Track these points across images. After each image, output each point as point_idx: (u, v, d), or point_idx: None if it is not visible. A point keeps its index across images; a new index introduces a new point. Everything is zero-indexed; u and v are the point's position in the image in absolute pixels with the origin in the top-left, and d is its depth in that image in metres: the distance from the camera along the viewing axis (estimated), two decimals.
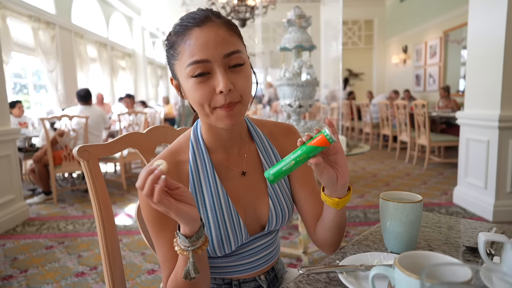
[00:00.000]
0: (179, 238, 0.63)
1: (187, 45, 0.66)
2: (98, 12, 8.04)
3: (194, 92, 0.67)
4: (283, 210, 0.82)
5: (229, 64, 0.67)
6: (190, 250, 0.62)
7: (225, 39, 0.66)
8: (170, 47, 0.70)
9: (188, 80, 0.67)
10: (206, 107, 0.68)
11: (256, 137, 0.84)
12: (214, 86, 0.66)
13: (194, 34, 0.66)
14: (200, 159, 0.77)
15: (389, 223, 0.76)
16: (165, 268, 0.73)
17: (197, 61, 0.65)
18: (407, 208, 0.74)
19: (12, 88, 5.60)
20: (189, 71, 0.66)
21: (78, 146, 0.82)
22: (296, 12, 2.20)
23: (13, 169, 3.06)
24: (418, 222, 0.75)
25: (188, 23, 0.67)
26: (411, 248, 0.76)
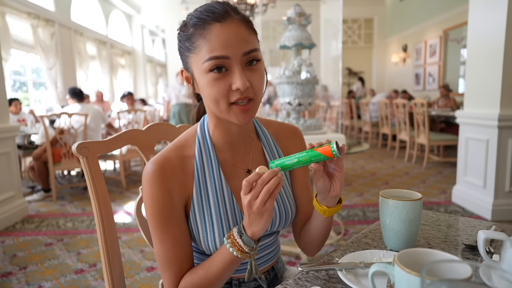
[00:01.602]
0: (242, 241, 0.66)
1: (207, 40, 0.65)
2: (98, 10, 8.02)
3: (211, 88, 0.67)
4: (286, 210, 0.82)
5: (246, 61, 0.67)
6: (251, 254, 0.66)
7: (245, 37, 0.66)
8: (186, 39, 0.69)
9: (205, 75, 0.67)
10: (222, 103, 0.68)
11: (262, 136, 0.85)
12: (231, 82, 0.66)
13: (214, 30, 0.65)
14: (206, 155, 0.77)
15: (388, 220, 0.76)
16: (172, 264, 0.71)
17: (216, 57, 0.64)
18: (406, 206, 0.74)
19: (12, 85, 5.59)
20: (207, 66, 0.65)
21: (77, 143, 0.82)
22: (296, 10, 2.20)
23: (12, 167, 3.06)
24: (418, 220, 0.76)
25: (208, 16, 0.66)
26: (410, 246, 0.76)
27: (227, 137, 0.78)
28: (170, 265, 0.71)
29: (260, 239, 0.68)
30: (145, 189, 0.71)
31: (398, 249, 0.76)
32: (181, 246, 0.72)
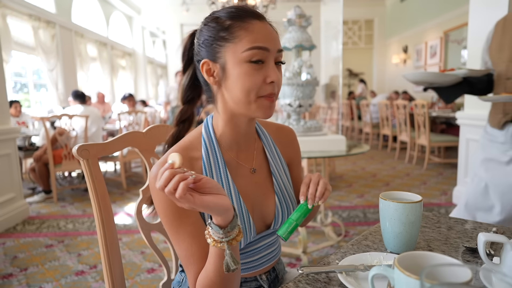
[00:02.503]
0: (212, 229, 0.61)
1: (249, 32, 0.68)
2: (98, 11, 8.03)
3: (247, 77, 0.69)
4: (288, 208, 0.83)
5: (277, 59, 0.72)
6: (225, 242, 0.61)
7: (277, 38, 0.73)
8: (222, 29, 0.70)
9: (243, 65, 0.69)
10: (253, 94, 0.70)
11: (262, 136, 0.87)
12: (266, 76, 0.70)
13: (256, 25, 0.69)
14: (212, 155, 0.77)
15: (388, 223, 0.76)
16: (191, 264, 0.70)
17: (259, 47, 0.68)
18: (407, 208, 0.74)
19: (13, 87, 5.60)
20: (247, 55, 0.68)
21: (77, 145, 0.82)
22: (296, 11, 2.20)
23: (13, 168, 3.06)
24: (418, 222, 0.76)
25: (246, 13, 0.70)
26: (410, 248, 0.76)
27: (235, 135, 0.79)
28: (189, 266, 0.70)
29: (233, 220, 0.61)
30: (155, 190, 0.70)
31: (398, 251, 0.76)
32: (198, 244, 0.70)
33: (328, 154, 2.07)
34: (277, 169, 0.85)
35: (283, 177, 0.86)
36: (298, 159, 0.94)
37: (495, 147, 1.72)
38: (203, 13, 0.82)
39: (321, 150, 2.12)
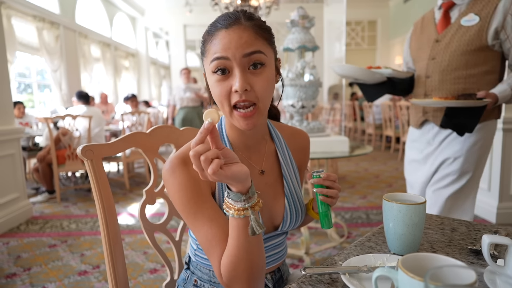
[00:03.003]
0: (231, 199, 0.63)
1: (213, 44, 0.70)
2: (102, 12, 8.07)
3: (215, 88, 0.70)
4: (297, 210, 0.84)
5: (249, 64, 0.69)
6: (248, 207, 0.63)
7: (248, 41, 0.68)
8: (202, 43, 0.74)
9: (211, 77, 0.71)
10: (226, 105, 0.70)
11: (276, 139, 0.87)
12: (231, 84, 0.69)
13: (220, 35, 0.69)
14: None
15: (392, 224, 0.76)
16: (213, 247, 0.69)
17: (217, 58, 0.68)
18: (410, 210, 0.74)
19: (17, 87, 5.63)
20: (211, 67, 0.70)
21: (82, 146, 0.82)
22: (299, 12, 2.20)
23: (17, 168, 3.08)
24: (421, 223, 0.75)
25: (219, 24, 0.70)
26: (414, 250, 0.76)
27: (241, 138, 0.80)
28: (211, 249, 0.70)
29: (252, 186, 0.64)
30: (170, 181, 0.71)
31: (402, 253, 0.76)
32: (218, 226, 0.70)
33: (331, 155, 2.07)
34: (288, 172, 0.86)
35: (293, 180, 0.86)
36: (305, 165, 0.95)
37: (414, 148, 1.79)
38: (206, 14, 0.83)
39: (324, 151, 2.12)
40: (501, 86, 1.47)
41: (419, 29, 1.72)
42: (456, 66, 1.53)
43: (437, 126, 1.63)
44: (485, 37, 1.46)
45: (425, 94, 1.64)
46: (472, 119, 1.47)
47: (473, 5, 1.51)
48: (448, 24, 1.57)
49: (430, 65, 1.59)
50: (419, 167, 1.76)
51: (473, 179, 1.62)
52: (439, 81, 1.57)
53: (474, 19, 1.48)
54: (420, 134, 1.73)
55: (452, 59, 1.53)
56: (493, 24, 1.44)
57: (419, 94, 1.68)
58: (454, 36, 1.52)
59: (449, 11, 1.58)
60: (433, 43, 1.59)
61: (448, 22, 1.57)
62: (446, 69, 1.55)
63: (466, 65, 1.51)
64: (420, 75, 1.66)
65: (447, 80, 1.55)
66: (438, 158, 1.64)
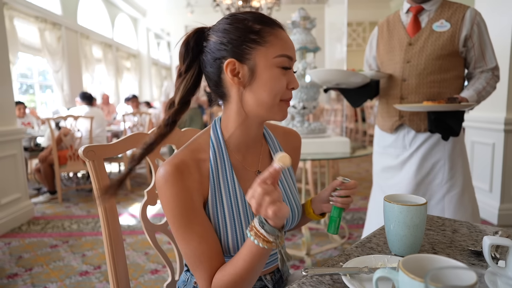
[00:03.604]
0: (265, 231, 0.63)
1: (279, 39, 0.72)
2: (104, 13, 8.09)
3: (276, 81, 0.72)
4: (293, 210, 0.84)
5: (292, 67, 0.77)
6: (278, 241, 0.64)
7: None
8: (251, 31, 0.72)
9: (273, 69, 0.72)
10: (278, 98, 0.74)
11: (269, 140, 0.88)
12: (288, 82, 0.74)
13: (283, 34, 0.74)
14: (220, 158, 0.77)
15: (393, 225, 0.76)
16: (201, 263, 0.70)
17: (290, 56, 0.73)
18: (411, 211, 0.74)
19: (19, 88, 5.64)
20: (279, 61, 0.72)
21: (84, 146, 0.83)
22: (300, 13, 2.20)
23: (18, 168, 3.08)
24: (422, 225, 0.75)
25: (271, 21, 0.74)
26: (415, 251, 0.76)
27: (244, 138, 0.79)
28: (200, 264, 0.70)
29: (284, 226, 0.66)
30: (163, 191, 0.70)
31: (403, 254, 0.76)
32: (207, 243, 0.71)
33: (332, 156, 2.07)
34: (283, 174, 0.86)
35: (288, 181, 0.87)
36: (296, 164, 0.98)
37: (387, 154, 1.75)
38: (208, 15, 0.82)
39: (325, 152, 2.12)
40: (468, 91, 1.51)
41: (386, 32, 1.70)
42: (432, 70, 1.55)
43: (413, 130, 1.62)
44: (457, 43, 1.51)
45: (401, 97, 1.63)
46: (458, 123, 1.49)
47: (441, 12, 1.55)
48: (418, 28, 1.58)
49: (406, 68, 1.59)
50: (395, 173, 1.72)
51: (466, 181, 1.63)
52: (416, 85, 1.58)
53: (446, 26, 1.52)
54: (394, 139, 1.70)
55: (427, 63, 1.54)
56: (463, 32, 1.50)
57: (394, 96, 1.66)
58: (427, 40, 1.54)
59: (417, 15, 1.59)
60: (406, 46, 1.59)
61: (418, 26, 1.58)
62: (423, 73, 1.56)
63: (440, 69, 1.54)
64: (395, 78, 1.64)
65: (424, 84, 1.57)
66: (418, 163, 1.62)
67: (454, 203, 1.60)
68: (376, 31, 1.79)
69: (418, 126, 1.60)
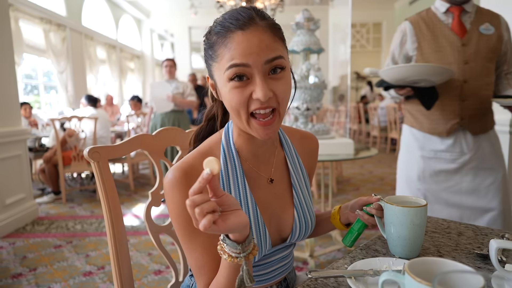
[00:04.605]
0: (227, 245, 0.59)
1: (228, 49, 0.63)
2: (108, 15, 8.13)
3: (231, 96, 0.65)
4: (307, 222, 0.80)
5: (269, 69, 0.65)
6: (243, 257, 0.58)
7: (269, 45, 0.64)
8: (209, 47, 0.68)
9: (226, 84, 0.65)
10: (243, 114, 0.66)
11: (285, 145, 0.83)
12: (252, 91, 0.64)
13: (236, 38, 0.63)
14: (231, 164, 0.74)
15: (393, 227, 0.76)
16: (202, 275, 0.68)
17: (236, 64, 0.63)
18: (411, 213, 0.73)
19: (23, 88, 5.68)
20: (227, 74, 0.64)
21: (88, 147, 0.83)
22: (304, 15, 2.20)
23: (23, 169, 3.10)
24: (423, 226, 0.75)
25: (231, 24, 0.64)
26: (415, 253, 0.76)
27: (250, 146, 0.76)
28: (200, 276, 0.69)
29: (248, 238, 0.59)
30: (170, 196, 0.68)
31: (403, 256, 0.76)
32: (210, 255, 0.68)
33: (335, 158, 2.06)
34: (297, 181, 0.82)
35: (303, 189, 0.83)
36: (313, 169, 0.91)
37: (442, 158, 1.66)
38: (211, 16, 0.82)
39: (328, 153, 2.12)
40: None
41: (427, 31, 1.64)
42: (487, 72, 1.55)
43: (469, 133, 1.60)
44: (501, 46, 1.54)
45: (460, 98, 1.58)
46: None
47: (481, 15, 1.55)
48: (465, 30, 1.55)
49: (466, 69, 1.55)
50: (450, 176, 1.66)
51: None
52: (475, 87, 1.55)
53: (491, 29, 1.52)
54: (451, 143, 1.62)
55: (484, 65, 1.54)
56: (505, 36, 1.54)
57: (452, 98, 1.60)
58: (479, 43, 1.52)
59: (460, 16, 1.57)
60: (459, 47, 1.55)
61: (464, 28, 1.55)
62: (481, 75, 1.55)
63: (490, 72, 1.56)
64: (454, 79, 1.58)
65: (481, 86, 1.56)
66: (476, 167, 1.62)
67: None
68: (409, 29, 1.68)
69: (476, 128, 1.59)
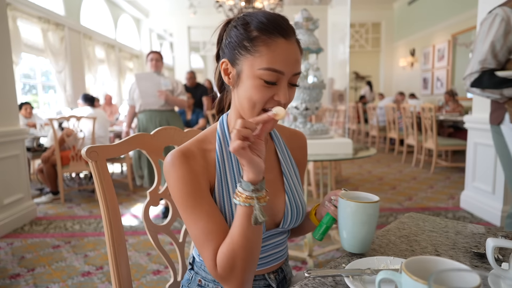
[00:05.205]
0: (242, 188, 0.67)
1: (271, 50, 0.69)
2: (107, 14, 8.11)
3: (256, 91, 0.71)
4: (297, 207, 0.85)
5: (291, 81, 0.73)
6: (255, 197, 0.66)
7: (298, 60, 0.73)
8: (247, 38, 0.71)
9: (256, 80, 0.71)
10: (258, 107, 0.73)
11: (275, 138, 0.90)
12: (275, 93, 0.72)
13: (280, 44, 0.70)
14: (226, 150, 0.80)
15: (343, 221, 0.78)
16: (209, 241, 0.71)
17: (275, 70, 0.69)
18: (360, 208, 0.75)
19: (21, 88, 5.67)
20: (262, 73, 0.69)
21: (86, 147, 0.83)
22: (303, 14, 2.20)
23: (21, 169, 3.09)
24: (372, 222, 0.76)
25: (275, 28, 0.70)
26: (363, 248, 0.78)
27: None
28: (208, 243, 0.71)
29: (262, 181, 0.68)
30: (170, 174, 0.73)
31: (352, 250, 0.78)
32: (215, 222, 0.72)
33: (334, 157, 2.06)
34: (288, 170, 0.88)
35: (293, 178, 0.88)
36: (304, 164, 0.98)
37: None
38: (210, 16, 0.83)
39: (327, 153, 2.12)
40: None
41: None
42: None
43: None
44: None
45: None
46: None
47: None
48: None
49: None
50: None
51: None
52: None
53: None
54: None
55: None
56: None
57: None
58: None
59: None
60: None
61: None
62: None
63: None
64: None
65: None
66: None
67: None
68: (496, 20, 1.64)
69: None
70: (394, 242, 0.84)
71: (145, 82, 3.26)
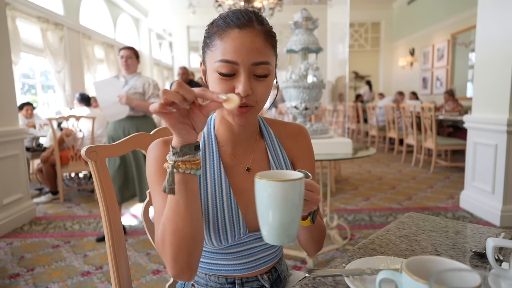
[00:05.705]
0: (168, 155, 0.63)
1: (223, 42, 0.69)
2: (106, 14, 8.10)
3: (215, 85, 0.71)
4: None
5: (255, 72, 0.70)
6: (173, 161, 0.61)
7: (259, 49, 0.70)
8: (208, 36, 0.74)
9: (213, 73, 0.71)
10: None
11: (266, 136, 0.87)
12: (234, 86, 0.70)
13: (232, 34, 0.69)
14: (209, 147, 0.81)
15: (259, 205, 0.61)
16: (158, 218, 0.72)
17: (226, 61, 0.68)
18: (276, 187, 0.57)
19: (21, 88, 5.66)
20: (217, 66, 0.70)
21: (86, 147, 0.83)
22: (303, 14, 2.20)
23: (21, 169, 3.09)
24: (292, 206, 0.58)
25: (231, 21, 0.70)
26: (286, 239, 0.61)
27: (229, 133, 0.81)
28: (158, 220, 0.72)
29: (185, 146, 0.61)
30: (149, 155, 0.76)
31: (272, 242, 0.61)
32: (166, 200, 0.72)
33: (334, 157, 2.06)
34: (277, 168, 0.84)
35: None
36: (303, 157, 0.88)
37: None
38: (209, 16, 0.83)
39: (327, 153, 2.12)
40: None
41: None
42: None
43: None
44: None
45: None
46: None
47: None
48: None
49: None
50: None
51: None
52: None
53: None
54: None
55: None
56: None
57: None
58: None
59: None
60: None
61: None
62: None
63: None
64: None
65: None
66: None
67: None
68: None
69: None
70: (394, 242, 0.84)
71: (103, 91, 2.77)
